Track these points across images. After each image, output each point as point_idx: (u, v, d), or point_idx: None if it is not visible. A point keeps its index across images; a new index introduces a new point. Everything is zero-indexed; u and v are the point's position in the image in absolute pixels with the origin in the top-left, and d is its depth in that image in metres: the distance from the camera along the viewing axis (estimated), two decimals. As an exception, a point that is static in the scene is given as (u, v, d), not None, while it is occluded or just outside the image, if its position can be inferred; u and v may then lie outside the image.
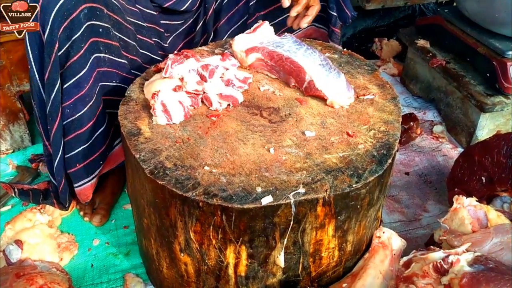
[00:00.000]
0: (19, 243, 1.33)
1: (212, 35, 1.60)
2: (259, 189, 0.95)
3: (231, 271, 1.06)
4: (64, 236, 1.44)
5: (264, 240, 0.99)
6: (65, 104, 1.19)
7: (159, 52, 1.49)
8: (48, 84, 1.16)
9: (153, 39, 1.48)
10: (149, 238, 1.17)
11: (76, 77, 1.18)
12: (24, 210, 1.46)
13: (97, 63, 1.24)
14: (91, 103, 1.23)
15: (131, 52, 1.37)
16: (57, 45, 1.13)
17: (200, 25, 1.59)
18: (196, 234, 1.01)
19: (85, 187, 1.32)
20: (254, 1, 1.55)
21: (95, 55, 1.22)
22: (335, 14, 1.59)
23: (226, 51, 1.35)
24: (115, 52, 1.28)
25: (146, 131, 1.09)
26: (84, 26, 1.16)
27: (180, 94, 1.14)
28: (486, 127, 1.74)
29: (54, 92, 1.16)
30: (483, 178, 1.41)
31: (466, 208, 1.19)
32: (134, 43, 1.38)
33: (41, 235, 1.38)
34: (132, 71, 1.37)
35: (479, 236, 1.12)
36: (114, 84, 1.32)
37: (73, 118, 1.21)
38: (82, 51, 1.17)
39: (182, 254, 1.08)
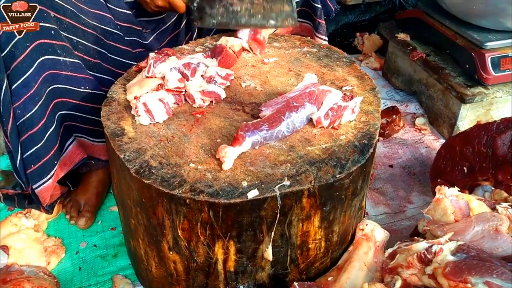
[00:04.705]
0: (5, 248, 1.32)
1: (196, 33, 1.60)
2: (244, 184, 0.95)
3: (220, 267, 1.06)
4: (50, 240, 1.43)
5: (251, 234, 1.00)
6: (15, 105, 1.19)
7: (139, 50, 1.48)
8: None
9: (132, 38, 1.46)
10: (137, 239, 1.16)
11: (23, 77, 1.18)
12: (9, 215, 1.44)
13: (50, 65, 1.23)
14: (40, 102, 1.22)
15: (92, 55, 1.36)
16: None
17: (183, 23, 1.58)
18: (184, 231, 1.01)
19: (42, 189, 1.30)
20: None
21: (45, 57, 1.21)
22: (319, 6, 1.59)
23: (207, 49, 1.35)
24: (69, 54, 1.27)
25: (130, 131, 1.09)
26: None
27: (162, 93, 1.14)
28: (467, 118, 1.77)
29: (3, 92, 1.17)
30: (464, 168, 1.43)
31: (448, 198, 1.19)
32: (99, 48, 1.37)
33: (27, 239, 1.37)
34: (95, 73, 1.36)
35: (461, 225, 1.13)
36: (70, 87, 1.30)
37: (24, 118, 1.21)
38: (28, 51, 1.17)
39: (170, 253, 1.08)
